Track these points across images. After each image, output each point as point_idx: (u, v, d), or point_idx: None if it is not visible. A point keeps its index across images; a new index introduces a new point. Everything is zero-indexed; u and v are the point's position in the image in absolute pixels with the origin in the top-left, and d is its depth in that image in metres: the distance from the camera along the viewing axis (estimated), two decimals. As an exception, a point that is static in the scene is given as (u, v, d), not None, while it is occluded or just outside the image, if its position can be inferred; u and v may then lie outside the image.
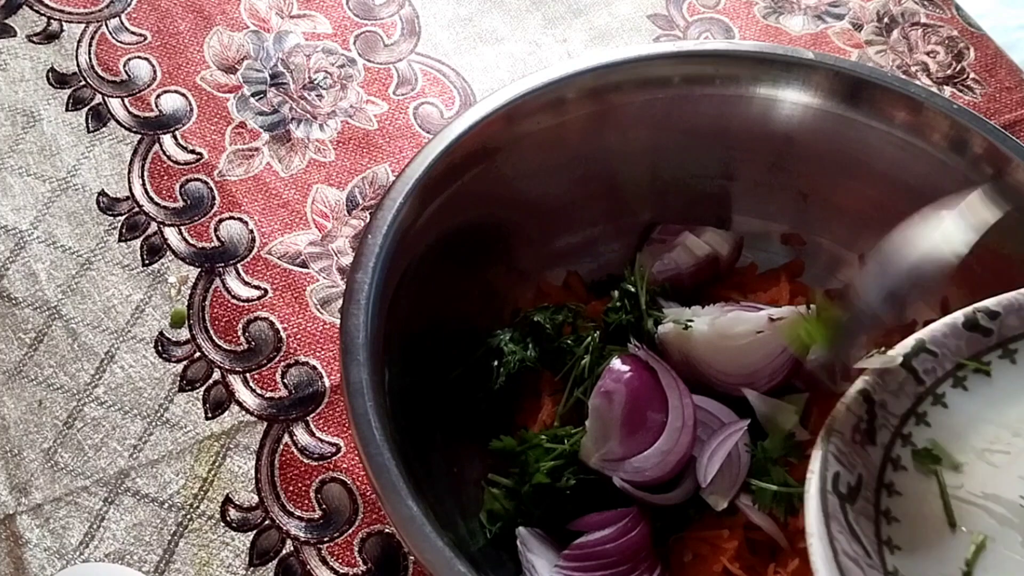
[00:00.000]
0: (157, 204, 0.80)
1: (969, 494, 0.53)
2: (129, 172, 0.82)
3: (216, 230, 0.79)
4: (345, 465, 0.69)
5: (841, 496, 0.50)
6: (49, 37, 0.89)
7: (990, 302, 0.58)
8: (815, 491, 0.50)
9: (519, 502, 0.61)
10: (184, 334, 0.74)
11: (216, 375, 0.72)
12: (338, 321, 0.65)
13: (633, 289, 0.67)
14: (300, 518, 0.67)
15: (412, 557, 0.65)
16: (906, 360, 0.56)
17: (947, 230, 0.57)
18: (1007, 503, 0.52)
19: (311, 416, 0.71)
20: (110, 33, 0.89)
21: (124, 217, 0.79)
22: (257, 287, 0.76)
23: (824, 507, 0.50)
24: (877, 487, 0.52)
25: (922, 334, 0.57)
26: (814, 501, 0.50)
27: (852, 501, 0.51)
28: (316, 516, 0.67)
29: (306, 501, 0.68)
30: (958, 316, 0.58)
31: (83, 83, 0.86)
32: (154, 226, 0.79)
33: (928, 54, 0.92)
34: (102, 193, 0.80)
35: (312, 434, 0.70)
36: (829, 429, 0.53)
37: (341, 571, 0.65)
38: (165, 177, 0.81)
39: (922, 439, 0.54)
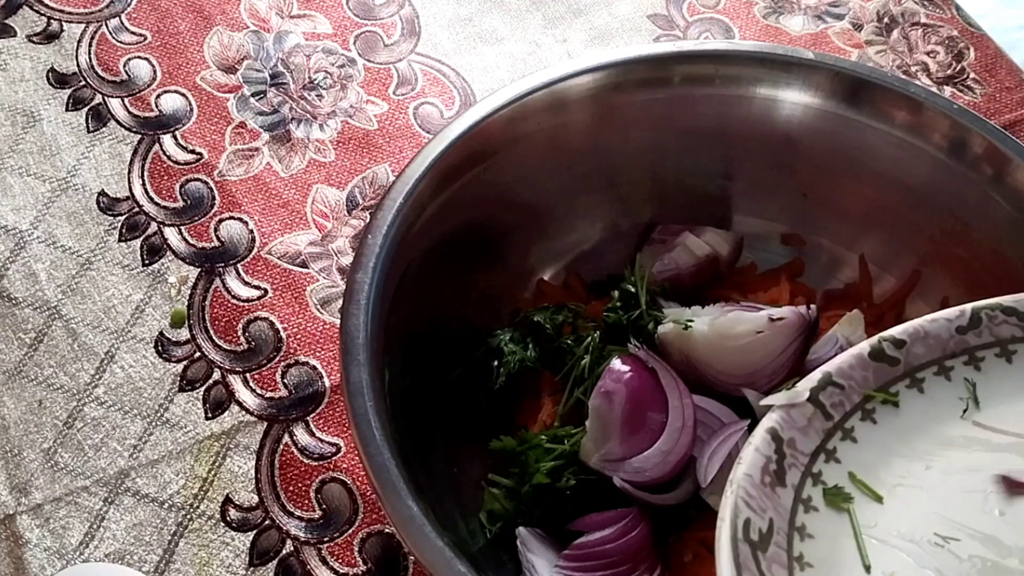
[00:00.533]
0: (157, 204, 0.80)
1: (884, 533, 0.51)
2: (129, 172, 0.82)
3: (216, 230, 0.79)
4: (345, 465, 0.69)
5: (752, 544, 0.48)
6: (49, 37, 0.89)
7: (896, 331, 0.56)
8: (726, 540, 0.48)
9: (519, 502, 0.61)
10: (184, 334, 0.74)
11: (216, 375, 0.72)
12: (338, 321, 0.65)
13: (633, 289, 0.67)
14: (300, 518, 0.67)
15: (412, 557, 0.65)
16: (813, 395, 0.54)
17: None
18: (921, 541, 0.50)
19: (311, 416, 0.71)
20: (110, 33, 0.89)
21: (124, 217, 0.79)
22: (257, 287, 0.76)
23: (736, 557, 0.47)
24: (789, 531, 0.50)
25: (828, 366, 0.55)
26: (726, 551, 0.48)
27: (764, 548, 0.49)
28: (316, 516, 0.67)
29: (306, 501, 0.68)
30: (863, 346, 0.56)
31: (83, 83, 0.86)
32: (154, 226, 0.79)
33: (928, 54, 0.92)
34: (102, 193, 0.80)
35: (312, 434, 0.70)
36: (736, 472, 0.51)
37: (341, 571, 0.65)
38: (165, 177, 0.81)
39: (833, 477, 0.52)
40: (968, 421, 0.55)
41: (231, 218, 0.80)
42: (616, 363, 0.61)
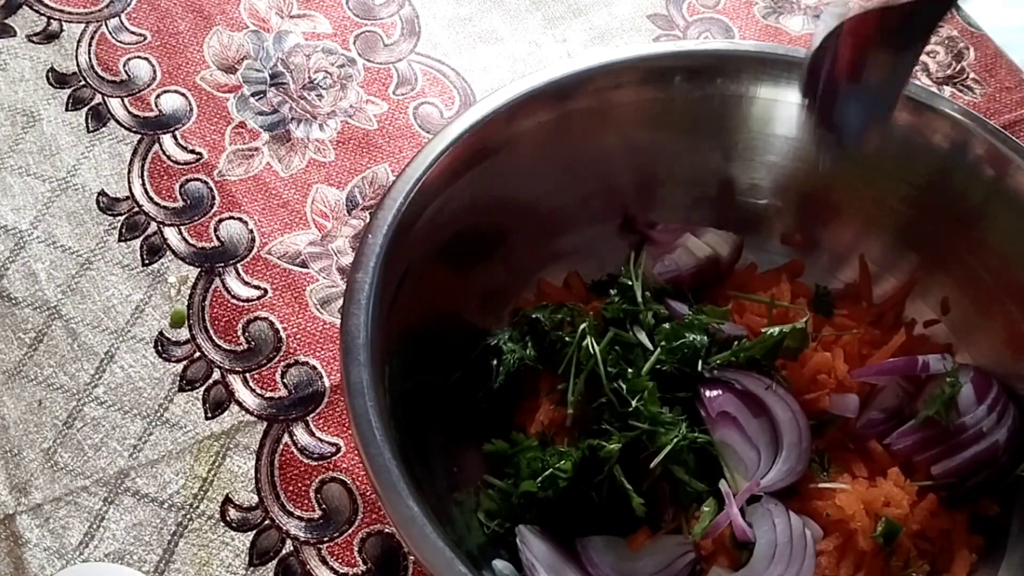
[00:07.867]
0: (157, 204, 0.80)
1: None
2: (129, 172, 0.81)
3: (216, 230, 0.79)
4: (345, 465, 0.69)
5: None
6: (49, 37, 0.89)
7: None
8: None
9: (512, 505, 0.61)
10: (184, 334, 0.74)
11: (216, 375, 0.72)
12: (338, 321, 0.65)
13: (629, 283, 0.67)
14: (300, 518, 0.67)
15: (412, 557, 0.65)
16: None
17: None
18: None
19: (311, 416, 0.71)
20: (110, 33, 0.89)
21: (124, 217, 0.79)
22: (257, 287, 0.76)
23: None
24: None
25: None
26: None
27: None
28: (316, 516, 0.67)
29: (306, 501, 0.68)
30: None
31: (83, 83, 0.86)
32: (154, 226, 0.79)
33: (928, 54, 0.92)
34: (102, 193, 0.80)
35: (312, 434, 0.70)
36: None
37: (341, 571, 0.65)
38: (165, 177, 0.81)
39: None
40: None
41: (231, 218, 0.79)
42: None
